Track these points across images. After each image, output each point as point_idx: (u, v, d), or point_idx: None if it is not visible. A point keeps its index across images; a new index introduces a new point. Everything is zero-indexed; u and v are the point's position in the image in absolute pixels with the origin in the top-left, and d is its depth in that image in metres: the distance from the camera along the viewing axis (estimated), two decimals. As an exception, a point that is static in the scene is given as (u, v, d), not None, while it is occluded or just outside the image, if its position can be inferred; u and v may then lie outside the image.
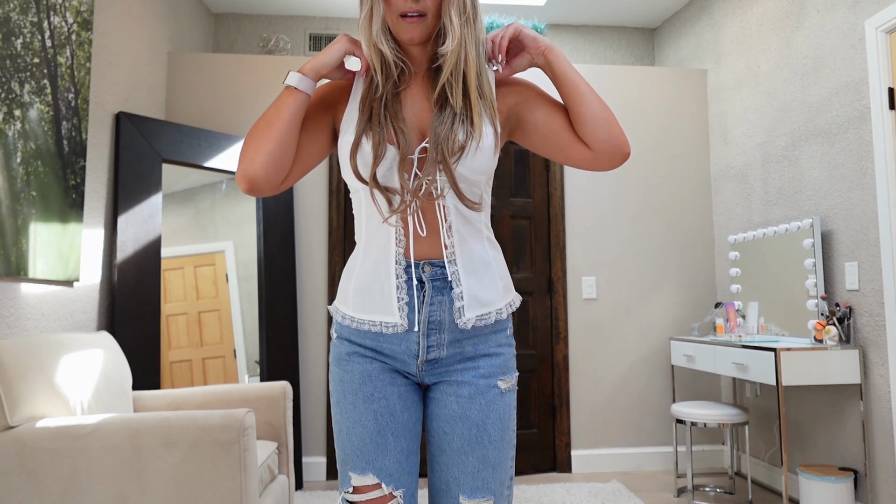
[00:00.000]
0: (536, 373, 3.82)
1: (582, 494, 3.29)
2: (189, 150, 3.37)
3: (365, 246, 1.23)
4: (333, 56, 1.19)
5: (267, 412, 2.56)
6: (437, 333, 1.21)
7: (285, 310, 3.59)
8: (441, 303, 1.20)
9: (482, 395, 1.22)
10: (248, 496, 1.86)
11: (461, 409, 1.22)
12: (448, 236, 1.19)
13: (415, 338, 1.20)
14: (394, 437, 1.21)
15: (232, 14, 4.57)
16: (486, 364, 1.23)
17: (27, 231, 2.40)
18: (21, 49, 2.37)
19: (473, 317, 1.20)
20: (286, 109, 1.17)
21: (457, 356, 1.23)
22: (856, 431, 2.88)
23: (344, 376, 1.24)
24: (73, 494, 1.83)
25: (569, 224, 3.95)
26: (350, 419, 1.22)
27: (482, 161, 1.17)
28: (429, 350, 1.21)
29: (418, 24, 1.16)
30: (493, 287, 1.23)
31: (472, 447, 1.22)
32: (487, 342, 1.24)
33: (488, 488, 1.22)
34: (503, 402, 1.24)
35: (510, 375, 1.26)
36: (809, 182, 3.18)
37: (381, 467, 1.19)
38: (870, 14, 2.80)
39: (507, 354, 1.27)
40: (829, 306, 3.00)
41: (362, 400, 1.22)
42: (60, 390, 2.02)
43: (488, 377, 1.23)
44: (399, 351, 1.22)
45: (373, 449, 1.20)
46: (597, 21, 4.78)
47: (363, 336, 1.23)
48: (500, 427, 1.23)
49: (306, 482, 3.62)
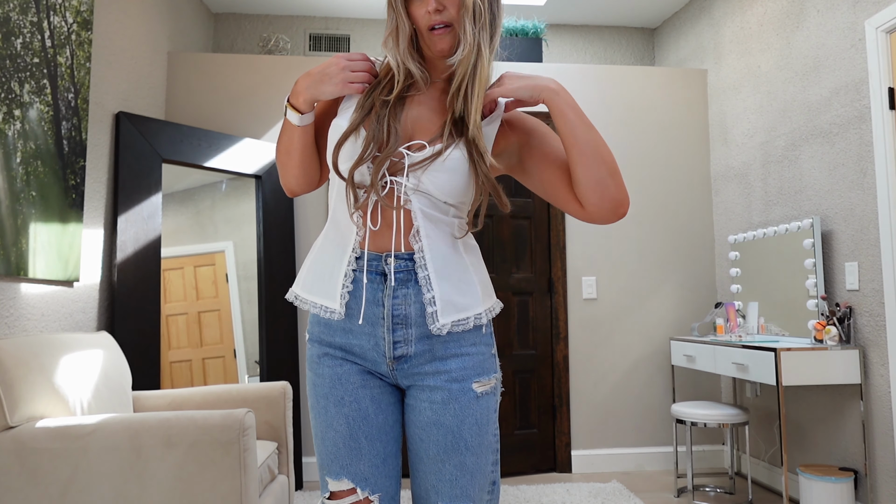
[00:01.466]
0: (536, 373, 3.82)
1: (582, 494, 3.29)
2: (189, 150, 3.37)
3: (331, 230, 1.24)
4: (332, 93, 1.20)
5: (267, 412, 2.56)
6: (403, 328, 1.17)
7: (285, 310, 3.59)
8: (406, 296, 1.17)
9: (455, 400, 1.18)
10: (248, 496, 1.86)
11: (435, 415, 1.19)
12: (416, 240, 1.17)
13: (379, 332, 1.18)
14: (368, 440, 1.18)
15: (232, 14, 4.57)
16: (457, 365, 1.19)
17: (27, 231, 2.40)
18: (21, 49, 2.37)
19: (449, 322, 1.17)
20: (297, 139, 1.23)
21: (426, 354, 1.19)
22: (856, 431, 2.88)
23: (316, 380, 1.22)
24: (73, 494, 1.83)
25: (569, 224, 3.95)
26: (323, 424, 1.20)
27: (444, 180, 1.15)
28: (395, 346, 1.18)
29: (447, 34, 1.17)
30: (469, 291, 1.20)
31: (448, 454, 1.18)
32: (459, 341, 1.20)
33: (467, 496, 1.19)
34: (479, 407, 1.20)
35: (487, 377, 1.22)
36: (809, 182, 3.18)
37: (355, 472, 1.17)
38: (870, 14, 2.80)
39: (482, 354, 1.22)
40: (829, 306, 3.00)
41: (333, 404, 1.19)
42: (60, 390, 2.02)
43: (461, 381, 1.19)
44: (367, 348, 1.19)
45: (346, 454, 1.18)
46: (597, 21, 4.78)
47: (332, 333, 1.21)
48: (478, 432, 1.19)
49: (306, 482, 3.62)
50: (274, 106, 3.84)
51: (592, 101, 4.03)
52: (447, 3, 1.15)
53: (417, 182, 1.15)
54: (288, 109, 1.21)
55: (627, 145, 4.03)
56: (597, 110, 4.03)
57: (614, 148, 4.01)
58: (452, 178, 1.16)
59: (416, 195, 1.16)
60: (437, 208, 1.18)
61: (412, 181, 1.15)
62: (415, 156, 1.15)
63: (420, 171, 1.15)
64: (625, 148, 4.03)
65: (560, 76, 4.02)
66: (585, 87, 4.04)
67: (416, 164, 1.15)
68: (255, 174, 3.60)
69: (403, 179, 1.15)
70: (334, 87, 1.19)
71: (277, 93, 3.85)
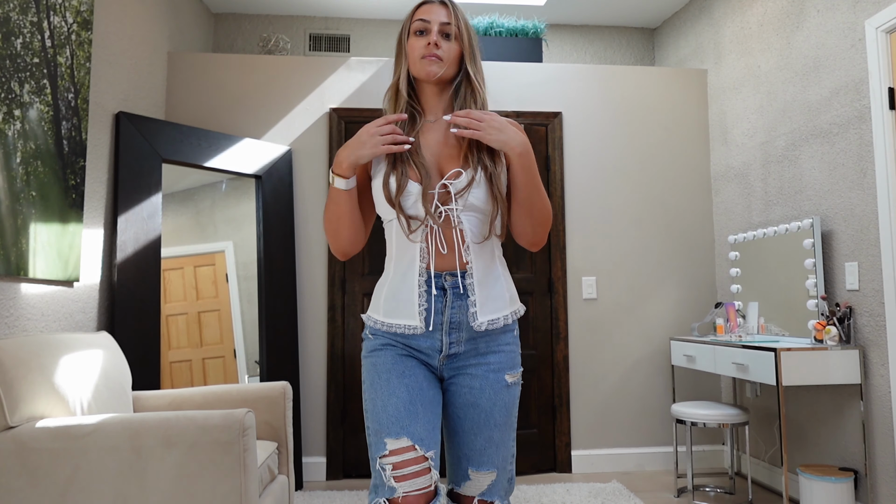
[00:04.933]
0: (536, 373, 3.82)
1: (582, 494, 3.29)
2: (189, 150, 3.37)
3: (395, 264, 1.50)
4: (369, 155, 1.44)
5: (267, 412, 2.56)
6: (457, 332, 1.47)
7: (285, 310, 3.59)
8: (460, 307, 1.46)
9: (490, 387, 1.48)
10: (248, 496, 1.86)
11: (473, 398, 1.48)
12: (466, 254, 1.46)
13: (438, 336, 1.46)
14: (423, 407, 1.43)
15: (232, 14, 4.57)
16: (495, 360, 1.49)
17: (27, 231, 2.40)
18: (21, 49, 2.37)
19: (486, 321, 1.46)
20: (344, 203, 1.48)
21: (472, 352, 1.49)
22: (856, 431, 2.88)
23: (377, 361, 1.48)
24: (73, 494, 1.83)
25: (569, 224, 3.95)
26: (385, 393, 1.43)
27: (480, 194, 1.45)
28: (450, 346, 1.47)
29: (435, 62, 1.49)
30: (500, 298, 1.50)
31: (480, 429, 1.48)
32: (497, 341, 1.50)
33: (492, 463, 1.49)
34: (509, 394, 1.50)
35: (516, 370, 1.53)
36: (809, 182, 3.18)
37: (413, 432, 1.39)
38: (870, 14, 2.80)
39: (513, 352, 1.53)
40: (829, 306, 3.00)
41: (396, 376, 1.45)
42: (60, 390, 2.02)
43: (497, 372, 1.49)
44: (426, 347, 1.47)
45: (406, 416, 1.40)
46: (597, 21, 4.78)
47: (395, 334, 1.49)
48: (505, 414, 1.49)
49: (306, 482, 3.62)
50: (274, 106, 3.85)
51: (592, 101, 4.03)
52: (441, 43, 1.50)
53: (465, 203, 1.45)
54: (335, 178, 1.45)
55: (627, 145, 4.03)
56: (597, 110, 4.03)
57: (614, 147, 4.01)
58: (482, 191, 1.46)
59: (465, 215, 1.46)
60: (480, 224, 1.48)
61: (460, 204, 1.45)
62: (457, 183, 1.45)
63: (466, 193, 1.44)
64: (625, 148, 4.03)
65: (560, 76, 4.02)
66: (585, 87, 4.04)
67: (461, 189, 1.44)
68: (255, 174, 3.60)
69: (454, 205, 1.45)
70: (370, 150, 1.43)
71: (278, 93, 3.86)
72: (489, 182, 1.46)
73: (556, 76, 4.03)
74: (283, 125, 3.84)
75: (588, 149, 4.01)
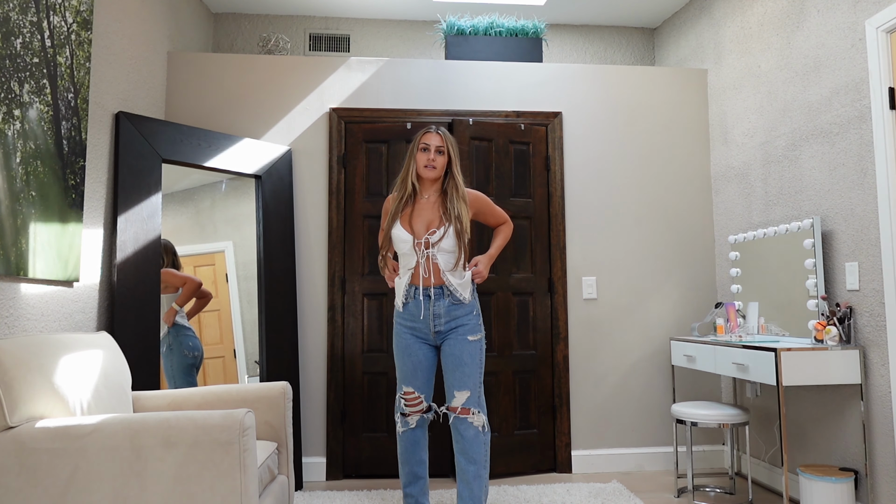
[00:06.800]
0: (536, 373, 3.82)
1: (582, 495, 3.29)
2: (189, 150, 3.36)
3: (401, 274, 2.77)
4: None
5: (267, 412, 2.56)
6: (438, 319, 2.70)
7: (285, 310, 3.59)
8: (439, 305, 2.70)
9: (460, 344, 2.68)
10: (248, 496, 1.86)
11: (451, 350, 2.69)
12: (442, 276, 2.69)
13: (429, 321, 2.70)
14: (420, 372, 2.75)
15: (232, 14, 4.57)
16: (462, 329, 2.70)
17: (27, 231, 2.40)
18: (21, 49, 2.37)
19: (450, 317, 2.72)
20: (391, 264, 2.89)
21: (449, 327, 2.70)
22: (856, 432, 2.88)
23: (398, 340, 2.76)
24: (72, 494, 1.83)
25: (569, 224, 3.95)
26: (400, 363, 2.76)
27: (449, 242, 2.67)
28: (436, 327, 2.71)
29: (433, 170, 2.72)
30: (462, 293, 2.71)
31: (456, 367, 2.68)
32: (462, 319, 2.71)
33: (466, 385, 2.66)
34: (472, 346, 2.69)
35: (476, 333, 2.71)
36: (810, 182, 3.17)
37: (415, 385, 2.75)
38: (870, 14, 2.80)
39: (473, 322, 2.71)
40: (829, 306, 3.00)
41: (406, 354, 2.74)
42: (60, 390, 2.02)
43: (464, 335, 2.69)
44: (422, 328, 2.72)
45: (410, 376, 2.75)
46: (597, 21, 4.78)
47: (407, 321, 2.74)
48: (470, 357, 2.67)
49: (306, 482, 3.62)
50: (274, 106, 3.84)
51: (592, 100, 4.03)
52: (436, 158, 2.71)
53: (439, 248, 2.67)
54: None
55: (627, 145, 4.03)
56: (597, 110, 4.03)
57: (614, 147, 4.01)
58: (451, 240, 2.68)
59: (440, 253, 2.67)
60: (449, 258, 2.69)
61: (436, 248, 2.67)
62: (435, 237, 2.67)
63: (440, 241, 2.66)
64: (625, 148, 4.02)
65: (560, 76, 4.02)
66: (585, 87, 4.04)
67: (438, 240, 2.67)
68: (255, 174, 3.60)
69: (433, 249, 2.67)
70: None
71: (277, 93, 3.85)
72: (456, 235, 2.65)
73: (556, 76, 4.03)
74: (282, 125, 3.84)
75: (588, 149, 4.01)
